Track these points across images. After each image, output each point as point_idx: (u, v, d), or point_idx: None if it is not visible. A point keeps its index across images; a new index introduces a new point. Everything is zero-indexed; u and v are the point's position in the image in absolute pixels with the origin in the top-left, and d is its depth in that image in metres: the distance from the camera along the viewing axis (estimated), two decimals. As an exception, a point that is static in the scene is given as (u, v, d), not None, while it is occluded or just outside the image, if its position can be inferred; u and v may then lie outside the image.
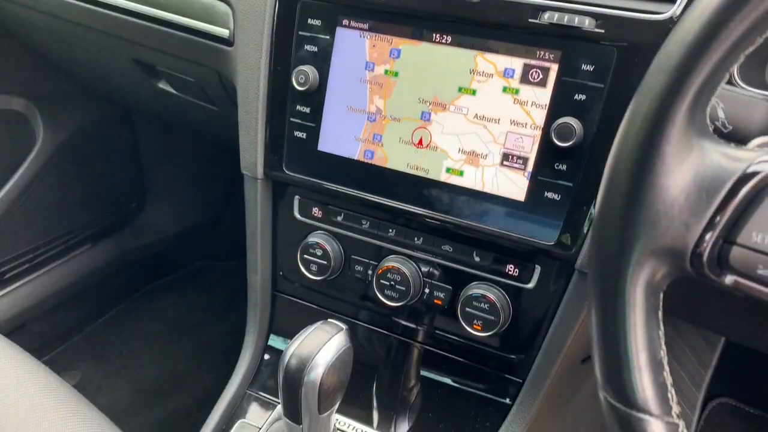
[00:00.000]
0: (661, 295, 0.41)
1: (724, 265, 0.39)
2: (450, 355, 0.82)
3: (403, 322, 0.84)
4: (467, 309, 0.77)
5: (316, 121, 0.81)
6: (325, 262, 0.85)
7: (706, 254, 0.39)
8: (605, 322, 0.41)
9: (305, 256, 0.86)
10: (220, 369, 1.23)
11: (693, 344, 1.29)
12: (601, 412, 0.43)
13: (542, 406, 0.75)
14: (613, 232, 0.41)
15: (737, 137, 0.52)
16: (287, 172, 0.84)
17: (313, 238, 0.85)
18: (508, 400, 0.78)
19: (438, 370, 0.84)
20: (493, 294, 0.76)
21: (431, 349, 0.83)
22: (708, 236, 0.39)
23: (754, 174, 0.38)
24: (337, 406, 0.70)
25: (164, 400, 1.63)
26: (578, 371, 0.81)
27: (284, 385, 0.68)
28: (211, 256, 2.09)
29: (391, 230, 0.82)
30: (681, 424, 0.40)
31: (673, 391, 0.41)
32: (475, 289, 0.76)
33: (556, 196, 0.69)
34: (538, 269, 0.75)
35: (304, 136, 0.82)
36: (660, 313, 0.41)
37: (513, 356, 0.77)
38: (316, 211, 0.86)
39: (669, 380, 0.41)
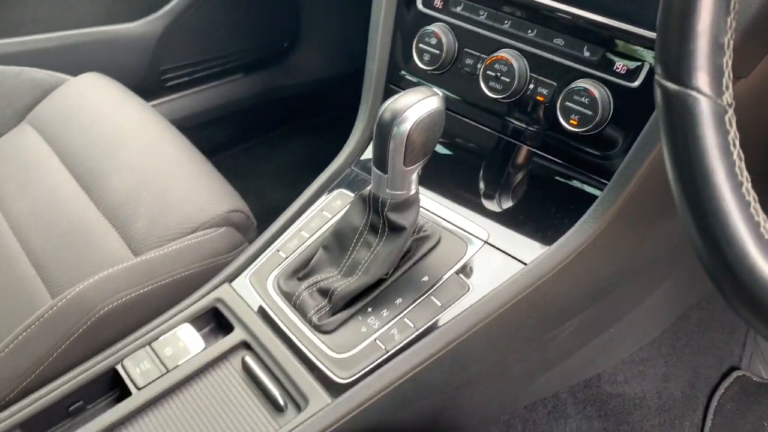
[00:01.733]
0: None
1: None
2: (543, 153, 0.83)
3: (503, 118, 0.85)
4: (567, 103, 0.77)
5: None
6: (438, 52, 0.87)
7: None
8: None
9: (420, 45, 0.89)
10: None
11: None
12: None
13: (622, 211, 0.74)
14: None
15: None
16: (415, -41, 0.86)
17: (430, 27, 0.88)
18: (592, 196, 0.78)
19: (530, 166, 0.85)
20: (596, 90, 0.75)
21: (527, 146, 0.84)
22: None
23: None
24: (422, 163, 0.74)
25: (284, 216, 1.77)
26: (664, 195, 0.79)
27: (376, 135, 0.73)
28: (350, 107, 2.18)
29: (506, 21, 0.82)
30: (731, 112, 0.40)
31: (731, 85, 0.40)
32: (579, 83, 0.76)
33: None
34: (646, 67, 0.72)
35: None
36: (733, 1, 0.40)
37: (602, 155, 0.77)
38: (437, 2, 0.88)
39: (729, 71, 0.40)
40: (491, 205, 0.85)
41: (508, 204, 0.85)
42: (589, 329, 0.93)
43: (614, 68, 0.75)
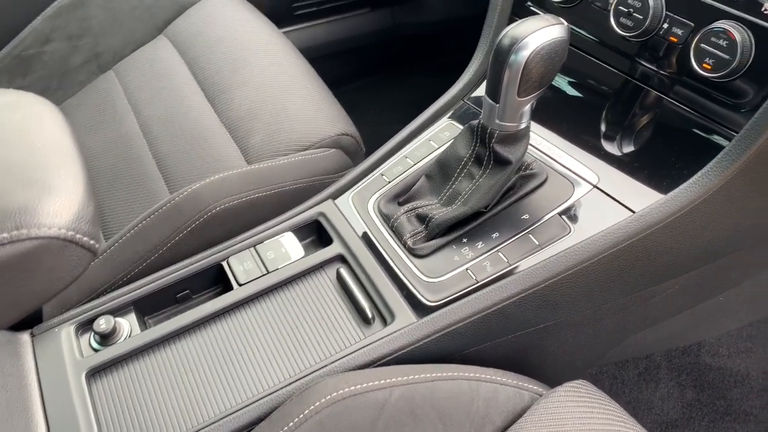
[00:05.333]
0: None
1: None
2: (669, 98, 0.78)
3: (630, 59, 0.81)
4: (702, 45, 0.71)
5: None
6: (569, -16, 0.83)
7: None
8: None
9: (551, -25, 0.85)
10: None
11: None
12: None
13: (746, 168, 0.69)
14: None
15: None
16: None
17: (563, -43, 0.84)
18: (717, 148, 0.73)
19: (653, 113, 0.80)
20: (737, 32, 0.69)
21: (653, 89, 0.80)
22: None
23: None
24: (536, 95, 0.72)
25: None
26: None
27: (493, 61, 0.71)
28: (472, 51, 2.14)
29: (646, -46, 0.77)
30: None
31: None
32: (719, 25, 0.70)
33: None
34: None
35: None
36: None
37: (733, 104, 0.71)
38: (574, -70, 0.84)
39: None
40: (606, 149, 0.82)
41: (624, 149, 0.81)
42: (696, 292, 0.88)
43: (762, 9, 0.68)
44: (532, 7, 0.91)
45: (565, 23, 0.69)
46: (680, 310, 0.89)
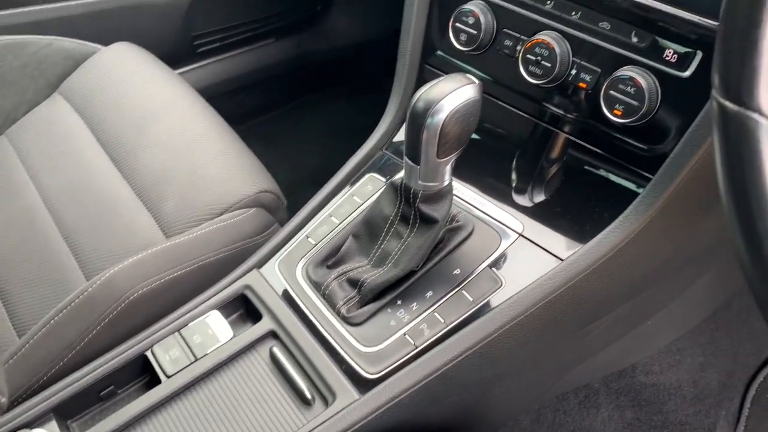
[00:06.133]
0: None
1: None
2: (584, 143, 0.79)
3: (542, 104, 0.82)
4: (611, 92, 0.72)
5: None
6: (475, 32, 0.83)
7: None
8: (734, 9, 0.37)
9: (457, 24, 0.84)
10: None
11: None
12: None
13: (664, 209, 0.71)
14: None
15: None
16: (455, -68, 0.81)
17: (468, 6, 0.83)
18: (633, 192, 0.74)
19: (569, 157, 0.81)
20: (643, 78, 0.70)
21: (567, 135, 0.81)
22: None
23: None
24: (455, 155, 0.71)
25: (318, 186, 1.76)
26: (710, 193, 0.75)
27: (409, 125, 0.70)
28: (383, 72, 2.13)
29: (548, 2, 0.77)
30: (796, 136, 0.36)
31: None
32: (625, 72, 0.71)
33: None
34: (698, 56, 0.68)
35: None
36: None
37: (647, 148, 0.73)
38: (476, -21, 0.84)
39: None
40: (527, 196, 0.82)
41: (544, 195, 0.82)
42: (626, 323, 0.90)
43: (663, 56, 0.70)
44: (441, 54, 0.90)
45: (477, 82, 0.69)
46: (614, 341, 0.91)
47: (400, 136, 0.97)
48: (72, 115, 1.20)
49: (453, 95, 0.68)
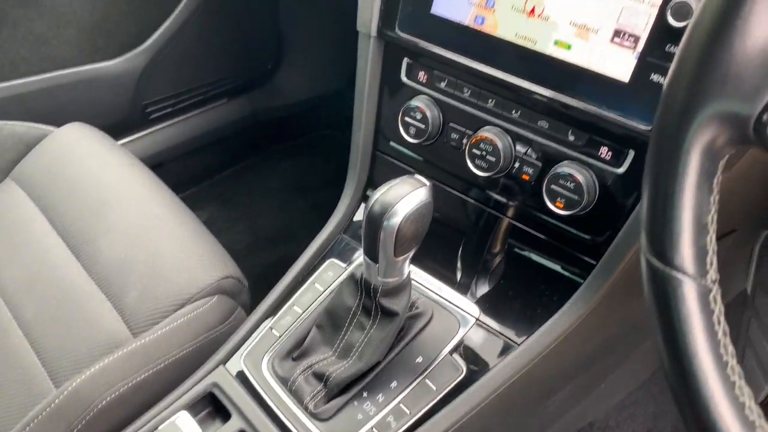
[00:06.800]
0: (721, 163, 0.41)
1: (789, 136, 0.38)
2: (530, 231, 0.84)
3: (490, 193, 0.86)
4: (552, 186, 0.77)
5: (433, -17, 0.81)
6: (423, 126, 0.87)
7: (772, 122, 0.38)
8: (657, 178, 0.42)
9: (406, 118, 0.89)
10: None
11: None
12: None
13: (611, 291, 0.76)
14: (681, 89, 0.40)
15: None
16: (399, 32, 0.86)
17: (415, 102, 0.88)
18: (578, 280, 0.79)
19: (518, 243, 0.86)
20: (581, 174, 0.76)
21: (514, 222, 0.85)
22: (777, 106, 0.37)
23: None
24: (412, 253, 0.75)
25: (276, 246, 1.78)
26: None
27: (367, 227, 0.74)
28: (335, 126, 2.18)
29: (490, 101, 0.82)
30: (715, 288, 0.41)
31: (715, 260, 0.41)
32: (564, 168, 0.77)
33: (661, 80, 0.67)
34: (631, 154, 0.73)
35: (419, -3, 0.82)
36: (716, 180, 0.41)
37: (590, 238, 0.78)
38: (421, 76, 0.88)
39: (713, 247, 0.41)
40: (480, 282, 0.86)
41: (497, 280, 0.86)
42: (582, 390, 0.95)
43: (599, 153, 0.75)
44: (393, 144, 0.94)
45: (428, 184, 0.73)
46: (571, 408, 0.96)
47: (358, 216, 1.01)
48: (26, 203, 1.19)
49: (407, 199, 0.71)
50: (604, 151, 0.75)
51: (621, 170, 0.74)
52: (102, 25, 1.56)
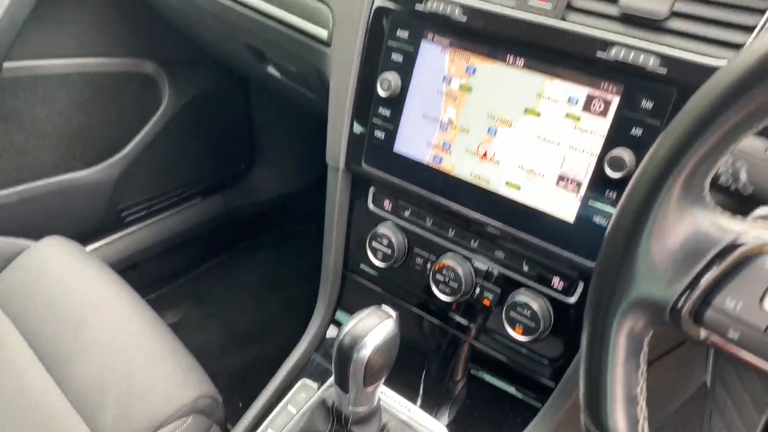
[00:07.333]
0: (646, 340, 0.46)
1: (699, 322, 0.44)
2: (493, 353, 0.89)
3: (454, 316, 0.91)
4: (511, 313, 0.83)
5: (395, 124, 0.88)
6: (390, 251, 0.93)
7: (684, 311, 0.44)
8: (591, 358, 0.47)
9: (373, 244, 0.94)
10: (301, 324, 1.37)
11: (751, 389, 1.28)
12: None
13: (568, 415, 0.80)
14: (606, 283, 0.47)
15: (761, 198, 0.55)
16: (365, 166, 0.93)
17: (381, 229, 0.94)
18: (538, 403, 0.84)
19: (480, 365, 0.91)
20: (536, 303, 0.81)
21: (476, 344, 0.90)
22: (687, 295, 0.44)
23: (737, 246, 0.42)
24: (381, 382, 0.79)
25: (250, 345, 1.80)
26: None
27: (337, 358, 0.78)
28: (307, 219, 2.24)
29: (451, 230, 0.89)
30: (646, 452, 0.46)
31: (646, 425, 0.46)
32: (521, 296, 0.82)
33: (603, 222, 0.74)
34: (581, 285, 0.79)
35: (383, 137, 0.90)
36: (642, 356, 0.46)
37: (548, 362, 0.83)
38: (387, 204, 0.95)
39: (643, 414, 0.46)
40: (446, 403, 0.90)
41: (461, 402, 0.90)
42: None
43: (551, 284, 0.82)
44: (362, 266, 1.00)
45: (394, 315, 0.78)
46: None
47: (332, 332, 1.05)
48: (2, 319, 1.21)
49: (375, 331, 0.76)
50: (556, 281, 0.81)
51: (573, 299, 0.80)
52: (80, 135, 1.62)
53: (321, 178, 2.22)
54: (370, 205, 0.96)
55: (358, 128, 0.92)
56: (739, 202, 0.56)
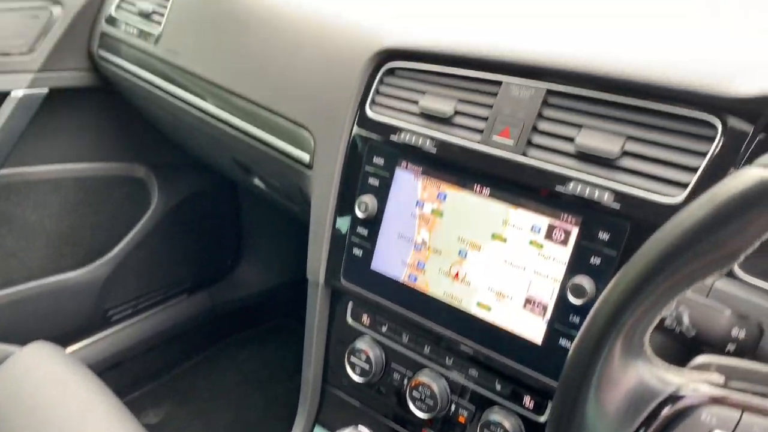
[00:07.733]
0: None
1: (645, 468, 0.47)
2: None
3: (431, 432, 0.93)
4: (486, 430, 0.85)
5: (372, 243, 0.93)
6: (368, 367, 0.96)
7: (629, 458, 0.47)
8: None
9: (352, 358, 0.97)
10: (286, 422, 1.36)
11: None
12: None
13: None
14: (561, 426, 0.50)
15: (704, 341, 0.59)
16: (344, 282, 0.96)
17: (359, 344, 0.96)
18: None
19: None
20: (509, 422, 0.83)
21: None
22: (632, 444, 0.47)
23: (677, 398, 0.46)
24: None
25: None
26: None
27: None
28: (291, 314, 2.26)
29: (426, 347, 0.92)
30: None
31: None
32: (494, 415, 0.85)
33: (569, 345, 0.77)
34: (551, 404, 0.82)
35: (360, 255, 0.94)
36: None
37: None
38: (365, 319, 0.98)
39: None
40: None
41: None
42: None
43: (522, 402, 0.84)
44: (342, 381, 1.02)
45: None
46: None
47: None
48: (-15, 429, 1.21)
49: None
50: (527, 401, 0.84)
51: (543, 419, 0.82)
52: (70, 236, 1.66)
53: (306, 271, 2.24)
54: (349, 319, 0.99)
55: (337, 246, 0.96)
56: (683, 344, 0.59)
